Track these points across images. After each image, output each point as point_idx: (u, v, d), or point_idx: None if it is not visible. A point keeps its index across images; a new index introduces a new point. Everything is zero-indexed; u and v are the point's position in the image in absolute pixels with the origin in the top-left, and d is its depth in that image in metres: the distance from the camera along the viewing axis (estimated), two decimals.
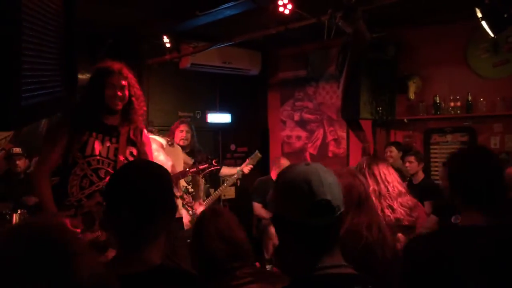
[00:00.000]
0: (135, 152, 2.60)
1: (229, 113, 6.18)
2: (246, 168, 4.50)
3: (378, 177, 2.46)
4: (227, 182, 4.66)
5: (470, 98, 4.80)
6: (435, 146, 5.13)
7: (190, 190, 4.09)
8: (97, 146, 2.45)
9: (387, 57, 4.56)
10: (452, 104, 4.92)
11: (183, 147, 4.13)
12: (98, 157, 2.45)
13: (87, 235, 2.45)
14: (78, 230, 2.39)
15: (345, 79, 4.47)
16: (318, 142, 6.08)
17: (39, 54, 1.06)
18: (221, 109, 6.20)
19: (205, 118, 6.07)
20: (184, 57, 5.39)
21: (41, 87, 1.05)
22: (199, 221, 1.89)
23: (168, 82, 5.64)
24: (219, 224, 1.78)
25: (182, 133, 4.20)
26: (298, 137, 6.35)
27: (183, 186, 4.03)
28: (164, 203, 1.32)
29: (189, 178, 4.05)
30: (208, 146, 6.06)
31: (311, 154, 6.16)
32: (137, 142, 2.61)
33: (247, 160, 4.61)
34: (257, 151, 4.71)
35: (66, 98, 1.25)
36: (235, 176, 4.56)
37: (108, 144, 2.48)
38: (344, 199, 1.18)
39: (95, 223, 2.47)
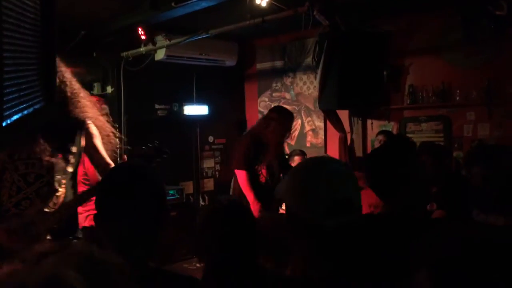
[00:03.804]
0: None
1: (206, 104, 6.12)
2: None
3: None
4: None
5: (444, 87, 4.88)
6: (411, 135, 5.22)
7: None
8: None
9: (364, 47, 4.58)
10: (427, 93, 5.01)
11: None
12: (26, 160, 2.19)
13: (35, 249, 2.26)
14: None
15: (322, 70, 4.48)
16: (296, 133, 6.09)
17: (18, 66, 1.01)
18: (198, 101, 6.13)
19: (182, 110, 5.99)
20: (159, 49, 5.29)
21: (21, 101, 1.00)
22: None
23: (143, 74, 5.53)
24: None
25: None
26: None
27: None
28: (156, 207, 1.33)
29: None
30: (186, 139, 6.01)
31: (289, 145, 6.17)
32: None
33: None
34: None
35: (45, 109, 1.20)
36: None
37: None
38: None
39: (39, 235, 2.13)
